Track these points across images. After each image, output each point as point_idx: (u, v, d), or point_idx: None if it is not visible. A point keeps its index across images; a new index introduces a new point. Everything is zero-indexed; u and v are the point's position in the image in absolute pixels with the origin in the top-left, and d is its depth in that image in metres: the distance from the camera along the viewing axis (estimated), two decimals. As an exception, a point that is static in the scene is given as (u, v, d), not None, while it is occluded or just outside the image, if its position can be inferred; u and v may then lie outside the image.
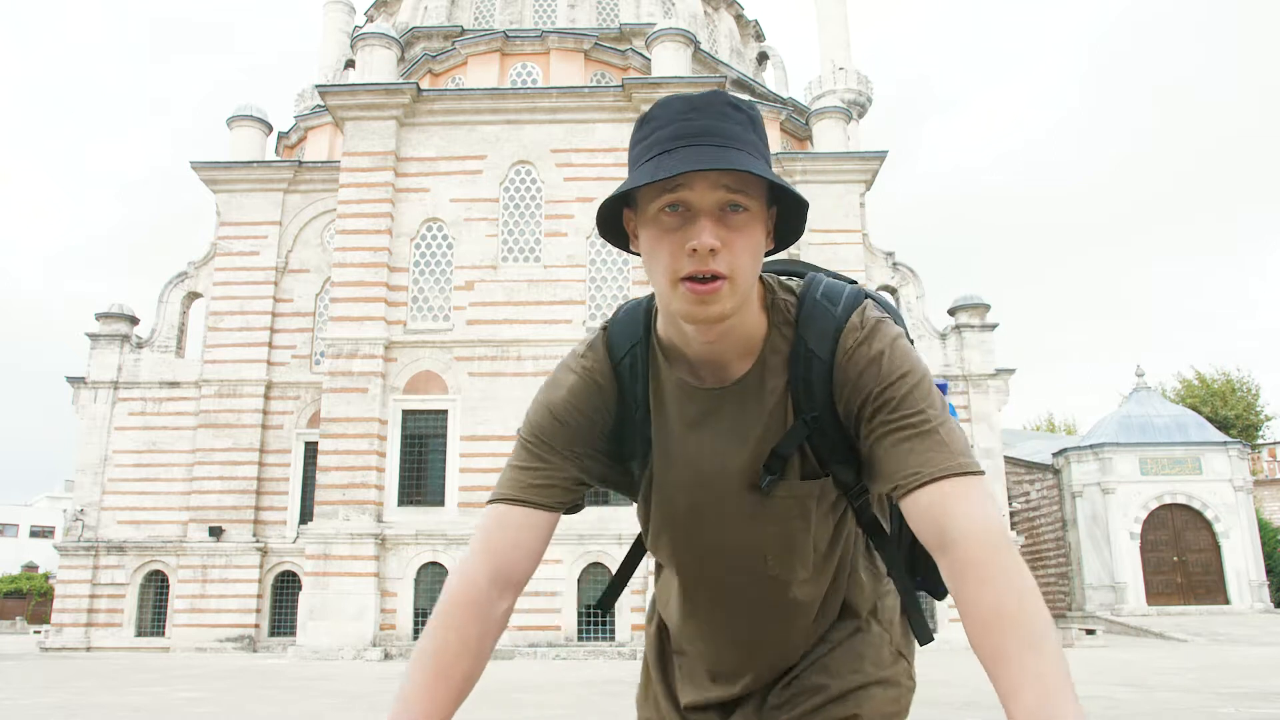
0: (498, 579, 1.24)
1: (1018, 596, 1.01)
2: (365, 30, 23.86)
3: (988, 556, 1.04)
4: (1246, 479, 26.98)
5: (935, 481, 1.11)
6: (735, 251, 1.12)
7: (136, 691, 10.65)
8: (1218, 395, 38.19)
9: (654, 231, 1.15)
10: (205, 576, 21.27)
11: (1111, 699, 8.97)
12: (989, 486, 1.15)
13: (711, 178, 1.11)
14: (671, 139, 1.12)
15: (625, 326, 1.33)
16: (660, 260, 1.14)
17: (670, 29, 23.01)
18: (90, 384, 22.75)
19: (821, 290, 1.28)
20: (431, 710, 1.14)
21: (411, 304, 21.26)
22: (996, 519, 1.09)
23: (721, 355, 1.25)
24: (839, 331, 1.23)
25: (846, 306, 1.25)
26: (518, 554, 1.26)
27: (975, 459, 1.14)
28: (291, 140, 28.28)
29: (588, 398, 1.31)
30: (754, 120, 1.16)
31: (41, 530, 54.65)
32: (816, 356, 1.24)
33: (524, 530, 1.27)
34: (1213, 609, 25.58)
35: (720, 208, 1.11)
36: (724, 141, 1.11)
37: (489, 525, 1.27)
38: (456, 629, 1.19)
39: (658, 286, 1.18)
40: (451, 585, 1.23)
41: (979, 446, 22.33)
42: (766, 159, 1.16)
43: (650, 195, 1.14)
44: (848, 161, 23.87)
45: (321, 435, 20.43)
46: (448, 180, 21.64)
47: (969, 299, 23.57)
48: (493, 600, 1.22)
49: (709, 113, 1.13)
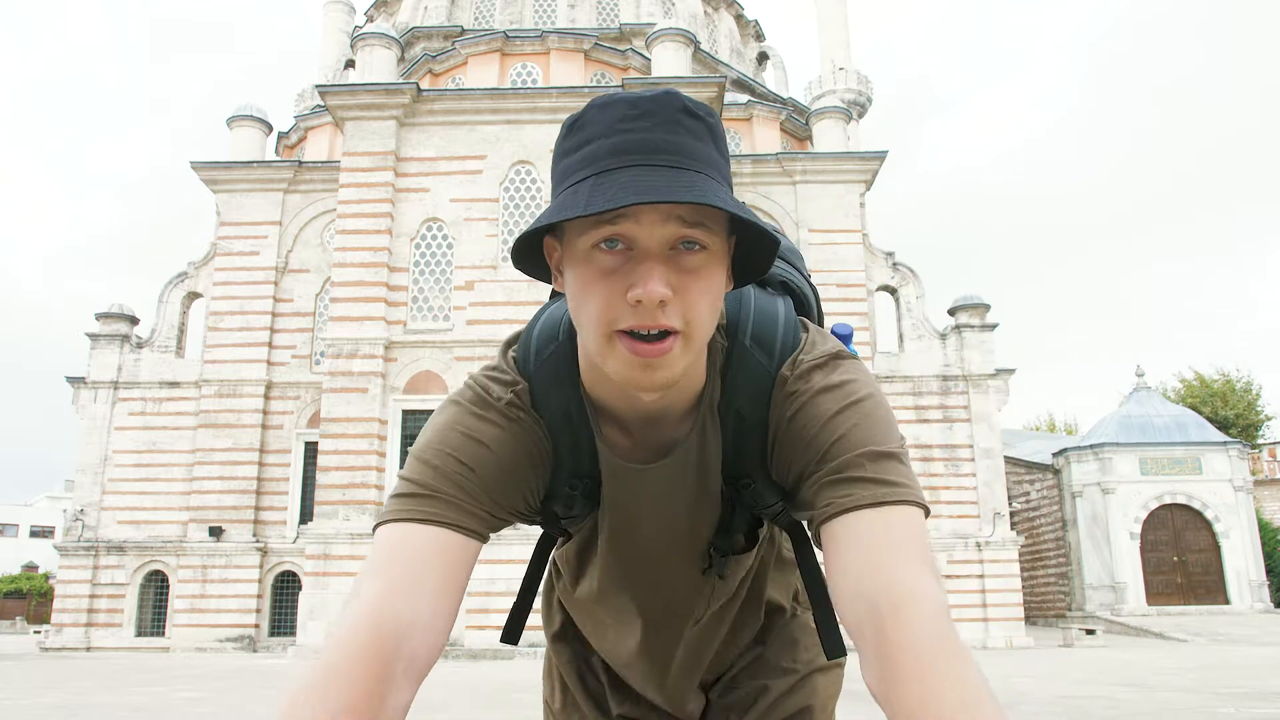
0: (406, 647, 0.86)
1: (970, 712, 0.73)
2: (365, 30, 23.85)
3: (928, 645, 0.78)
4: (1246, 479, 26.97)
5: (858, 510, 0.90)
6: (690, 300, 0.89)
7: (136, 691, 10.65)
8: (1218, 395, 38.20)
9: (585, 272, 0.90)
10: (205, 576, 21.26)
11: (1111, 699, 8.97)
12: (924, 529, 0.91)
13: (663, 209, 0.87)
14: (611, 154, 0.89)
15: (552, 378, 1.06)
16: (591, 309, 0.90)
17: (670, 29, 23.01)
18: (90, 384, 22.75)
19: (751, 332, 1.06)
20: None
21: (411, 304, 21.26)
22: (935, 585, 0.84)
23: (662, 414, 1.04)
24: (771, 390, 1.03)
25: (782, 353, 1.04)
26: (428, 605, 0.89)
27: (916, 489, 0.93)
28: (291, 140, 28.28)
29: (520, 462, 1.04)
30: (713, 130, 0.94)
31: (41, 530, 54.63)
32: (748, 422, 1.05)
33: (436, 563, 0.92)
34: (1213, 609, 25.57)
35: (671, 246, 0.89)
36: (678, 160, 0.89)
37: (382, 558, 0.93)
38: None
39: (587, 339, 0.94)
40: (343, 642, 0.84)
41: (979, 446, 22.35)
42: (728, 179, 0.94)
43: (580, 226, 0.90)
44: (848, 161, 23.88)
45: (321, 435, 20.43)
46: (448, 180, 21.64)
47: (969, 299, 23.57)
48: (394, 680, 0.84)
49: (659, 120, 0.90)
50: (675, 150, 0.89)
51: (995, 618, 21.17)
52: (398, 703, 0.84)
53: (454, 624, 0.92)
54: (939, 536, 21.57)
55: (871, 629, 0.82)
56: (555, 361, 1.06)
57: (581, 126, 0.93)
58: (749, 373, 1.04)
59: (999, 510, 22.06)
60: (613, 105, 0.92)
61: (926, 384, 22.81)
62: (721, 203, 0.86)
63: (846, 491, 0.92)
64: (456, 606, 0.93)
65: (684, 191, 0.85)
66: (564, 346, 1.06)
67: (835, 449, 0.95)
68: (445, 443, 1.00)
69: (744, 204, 0.92)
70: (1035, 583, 29.16)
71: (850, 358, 1.05)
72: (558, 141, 0.96)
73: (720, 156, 0.94)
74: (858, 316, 22.59)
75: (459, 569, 0.94)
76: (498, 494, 1.00)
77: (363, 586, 0.89)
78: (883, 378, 22.61)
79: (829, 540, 0.92)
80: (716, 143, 0.94)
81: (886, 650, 0.79)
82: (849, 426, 0.96)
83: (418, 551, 0.92)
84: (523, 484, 1.04)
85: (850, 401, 0.98)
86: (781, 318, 1.08)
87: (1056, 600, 28.38)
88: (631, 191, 0.84)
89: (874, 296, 23.76)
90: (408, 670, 0.86)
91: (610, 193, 0.85)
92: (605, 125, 0.91)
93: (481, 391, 1.05)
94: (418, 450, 1.01)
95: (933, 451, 22.31)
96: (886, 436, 0.96)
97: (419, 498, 0.96)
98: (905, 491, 0.91)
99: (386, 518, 0.96)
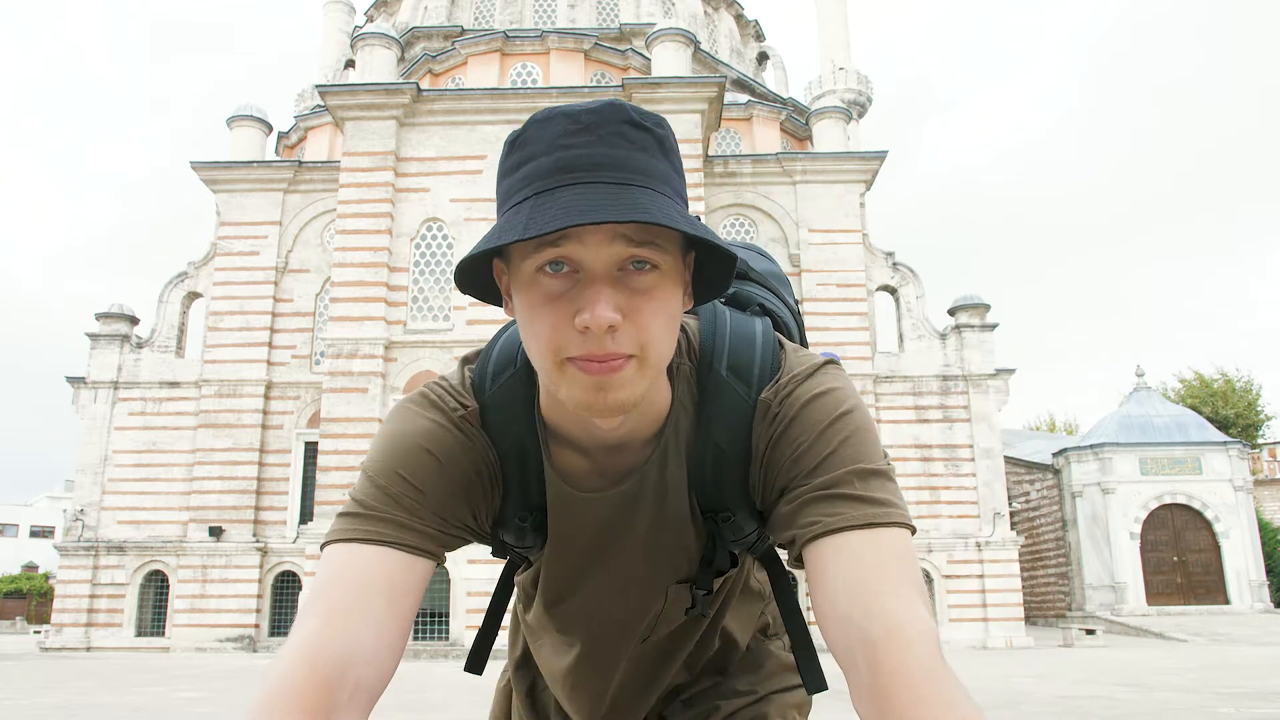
0: (350, 674, 0.83)
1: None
2: (365, 30, 23.86)
3: (922, 676, 0.77)
4: (1246, 479, 26.97)
5: (846, 531, 0.87)
6: (642, 322, 0.85)
7: (136, 691, 10.65)
8: (1218, 395, 38.21)
9: (531, 297, 0.86)
10: (205, 576, 21.26)
11: (1111, 699, 8.97)
12: (913, 551, 0.89)
13: (608, 228, 0.83)
14: (551, 173, 0.84)
15: (506, 406, 1.02)
16: (539, 337, 0.87)
17: (670, 29, 23.02)
18: (90, 384, 22.75)
19: (727, 361, 1.01)
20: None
21: (411, 304, 21.26)
22: (926, 612, 0.82)
23: (625, 441, 1.00)
24: (752, 420, 0.99)
25: (760, 379, 1.00)
26: (373, 630, 0.86)
27: (903, 509, 0.91)
28: (291, 140, 28.29)
29: (465, 478, 1.00)
30: (662, 142, 0.89)
31: (41, 530, 54.63)
32: (727, 454, 1.00)
33: (382, 585, 0.89)
34: (1213, 609, 25.58)
35: (620, 266, 0.84)
36: (623, 176, 0.84)
37: (324, 581, 0.89)
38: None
39: (538, 368, 0.90)
40: (284, 674, 0.81)
41: (979, 446, 22.35)
42: (682, 193, 0.90)
43: (524, 249, 0.86)
44: (848, 161, 23.88)
45: (321, 435, 20.44)
46: (448, 180, 21.64)
47: (969, 299, 23.58)
48: (339, 709, 0.81)
49: (601, 134, 0.85)
50: (619, 166, 0.85)
51: (995, 618, 21.17)
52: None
53: (404, 645, 0.89)
54: (939, 536, 21.58)
55: (863, 658, 0.80)
56: (511, 389, 1.02)
57: (522, 144, 0.88)
58: (726, 404, 1.00)
59: (999, 510, 22.06)
60: (553, 120, 0.87)
61: (926, 384, 22.81)
62: (669, 220, 0.81)
63: (834, 510, 0.89)
64: (405, 628, 0.89)
65: (628, 210, 0.80)
66: (521, 374, 1.02)
67: (824, 465, 0.92)
68: (394, 457, 0.97)
69: (697, 219, 0.87)
70: (1035, 583, 29.16)
71: (834, 364, 1.02)
72: (500, 160, 0.91)
73: (672, 169, 0.89)
74: (857, 316, 22.61)
75: (406, 590, 0.91)
76: (446, 509, 0.97)
77: (303, 614, 0.87)
78: (883, 378, 22.62)
79: (814, 561, 0.88)
80: (667, 154, 0.89)
81: (879, 681, 0.78)
82: (838, 441, 0.93)
83: (362, 573, 0.89)
84: (472, 500, 1.01)
85: (838, 414, 0.95)
86: (759, 340, 1.04)
87: (1056, 600, 28.38)
88: (573, 212, 0.80)
89: (874, 296, 23.76)
90: (353, 698, 0.83)
91: (550, 214, 0.81)
92: (546, 142, 0.86)
93: (436, 399, 1.01)
94: (366, 466, 0.98)
95: (933, 451, 22.31)
96: (874, 452, 0.93)
97: (363, 517, 0.93)
98: (895, 513, 0.89)
99: (331, 537, 0.93)
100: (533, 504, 1.05)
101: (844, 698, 0.93)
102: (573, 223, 0.79)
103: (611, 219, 0.79)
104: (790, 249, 23.07)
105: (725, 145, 25.37)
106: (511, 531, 1.07)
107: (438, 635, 19.40)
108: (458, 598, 19.20)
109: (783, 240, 23.19)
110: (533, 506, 1.05)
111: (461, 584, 19.11)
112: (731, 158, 23.99)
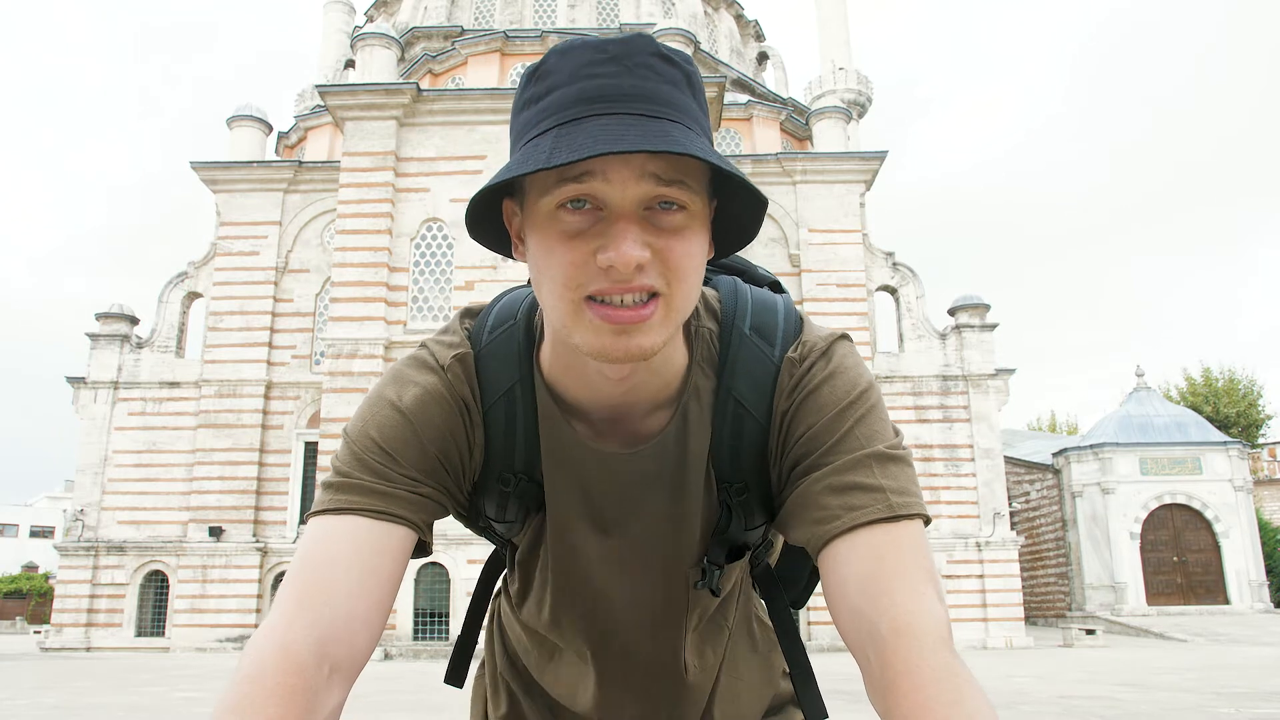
0: (325, 652, 0.80)
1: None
2: (365, 30, 23.87)
3: (932, 672, 0.75)
4: (1246, 479, 26.97)
5: (866, 526, 0.85)
6: (671, 263, 0.80)
7: (136, 692, 10.65)
8: (1221, 393, 38.23)
9: (548, 236, 0.81)
10: (205, 576, 21.26)
11: (1111, 699, 8.96)
12: (926, 541, 0.87)
13: (636, 163, 0.77)
14: (576, 102, 0.79)
15: (501, 356, 0.98)
16: (555, 275, 0.81)
17: (670, 29, 23.04)
18: (90, 384, 22.75)
19: (750, 320, 0.98)
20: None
21: (411, 304, 21.26)
22: (939, 605, 0.80)
23: (631, 405, 0.94)
24: (777, 380, 0.95)
25: (784, 341, 0.97)
26: (348, 602, 0.82)
27: (919, 497, 0.88)
28: (291, 140, 28.30)
29: (452, 430, 0.95)
30: (690, 78, 0.84)
31: (41, 530, 54.65)
32: (750, 415, 0.96)
33: (356, 556, 0.85)
34: (1213, 609, 25.57)
35: (647, 205, 0.79)
36: (653, 108, 0.79)
37: (302, 555, 0.86)
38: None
39: (551, 310, 0.84)
40: (256, 660, 0.77)
41: (979, 446, 22.35)
42: (709, 133, 0.85)
43: (543, 185, 0.80)
44: (848, 161, 23.89)
45: (321, 435, 20.44)
46: (448, 180, 21.64)
47: (969, 299, 23.58)
48: (317, 689, 0.77)
49: (629, 64, 0.80)
50: (649, 97, 0.79)
51: (995, 618, 21.17)
52: (327, 706, 0.79)
53: (385, 617, 0.87)
54: (939, 536, 21.57)
55: (874, 652, 0.79)
56: (508, 339, 0.98)
57: (543, 75, 0.82)
58: (749, 360, 0.96)
59: (999, 510, 22.06)
60: (577, 50, 0.81)
61: (926, 384, 22.81)
62: (703, 153, 0.75)
63: (853, 502, 0.86)
64: (383, 600, 0.86)
65: (659, 140, 0.75)
66: (519, 326, 0.98)
67: (841, 444, 0.89)
68: (370, 421, 0.93)
69: (728, 159, 0.81)
70: (1035, 583, 29.16)
71: (849, 340, 1.00)
72: (517, 94, 0.85)
73: (699, 108, 0.84)
74: (857, 316, 22.61)
75: (384, 558, 0.86)
76: (422, 473, 0.92)
77: (279, 595, 0.84)
78: (883, 378, 22.62)
79: (829, 555, 0.86)
80: (695, 94, 0.84)
81: (890, 675, 0.76)
82: (854, 420, 0.90)
83: (336, 547, 0.86)
84: (449, 461, 0.95)
85: (858, 392, 0.92)
86: (781, 308, 1.01)
87: (1056, 600, 28.38)
88: (602, 141, 0.74)
89: (874, 296, 23.76)
90: (334, 673, 0.80)
91: (576, 143, 0.75)
92: (569, 72, 0.80)
93: (426, 355, 0.98)
94: (347, 428, 0.96)
95: (933, 451, 22.31)
96: (889, 430, 0.91)
97: (338, 486, 0.90)
98: (913, 503, 0.87)
99: (314, 509, 0.90)
100: (515, 467, 0.99)
101: (844, 698, 0.93)
102: (602, 150, 0.73)
103: (646, 148, 0.74)
104: (790, 249, 23.07)
105: (725, 145, 25.37)
106: (493, 499, 1.01)
107: (438, 635, 19.41)
108: (458, 598, 19.20)
109: (783, 240, 23.19)
110: (515, 470, 0.99)
111: (461, 584, 19.11)
112: (732, 157, 23.99)
